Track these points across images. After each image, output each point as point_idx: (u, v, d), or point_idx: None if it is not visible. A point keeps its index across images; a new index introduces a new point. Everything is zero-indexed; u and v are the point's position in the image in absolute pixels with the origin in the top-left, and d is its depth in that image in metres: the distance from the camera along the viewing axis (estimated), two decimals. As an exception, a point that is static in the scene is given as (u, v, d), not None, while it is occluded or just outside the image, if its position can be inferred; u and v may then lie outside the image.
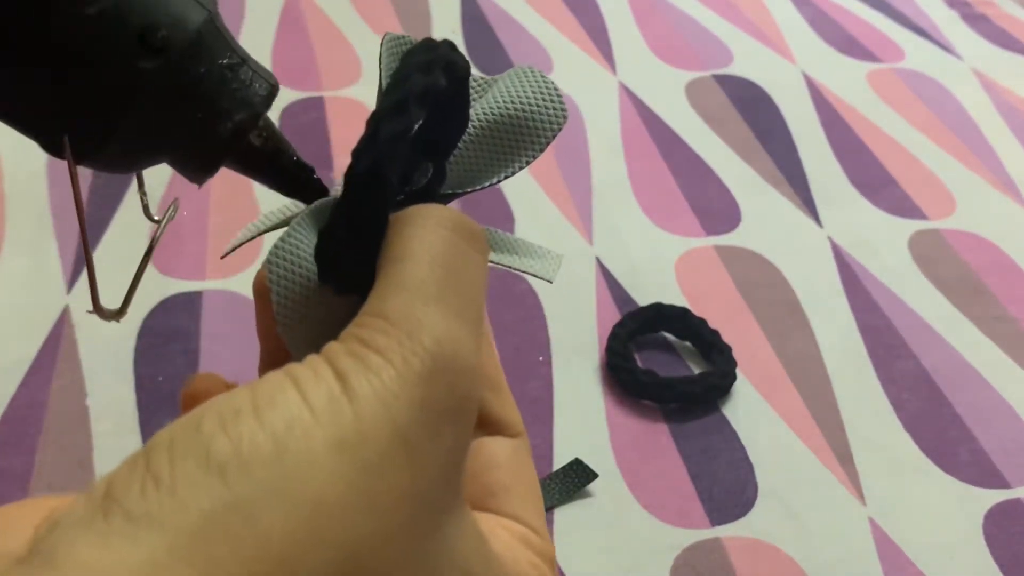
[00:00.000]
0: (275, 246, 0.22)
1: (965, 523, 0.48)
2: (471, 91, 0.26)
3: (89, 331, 0.54)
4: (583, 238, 0.63)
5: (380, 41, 0.25)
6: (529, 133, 0.25)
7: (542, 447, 0.50)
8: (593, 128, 0.73)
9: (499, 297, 0.58)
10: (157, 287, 0.56)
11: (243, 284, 0.57)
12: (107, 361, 0.53)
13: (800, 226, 0.65)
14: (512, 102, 0.25)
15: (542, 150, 0.25)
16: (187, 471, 0.16)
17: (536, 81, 0.25)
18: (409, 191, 0.24)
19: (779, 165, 0.70)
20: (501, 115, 0.25)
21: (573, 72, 0.79)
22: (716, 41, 0.84)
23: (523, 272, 0.25)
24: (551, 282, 0.26)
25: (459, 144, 0.25)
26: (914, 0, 0.91)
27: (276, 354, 0.23)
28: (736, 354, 0.54)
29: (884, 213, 0.67)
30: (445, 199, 0.25)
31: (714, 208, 0.66)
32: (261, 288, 0.24)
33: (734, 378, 0.53)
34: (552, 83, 0.25)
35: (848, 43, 0.85)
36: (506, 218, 0.64)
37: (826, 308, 0.59)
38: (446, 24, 0.84)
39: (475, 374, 0.19)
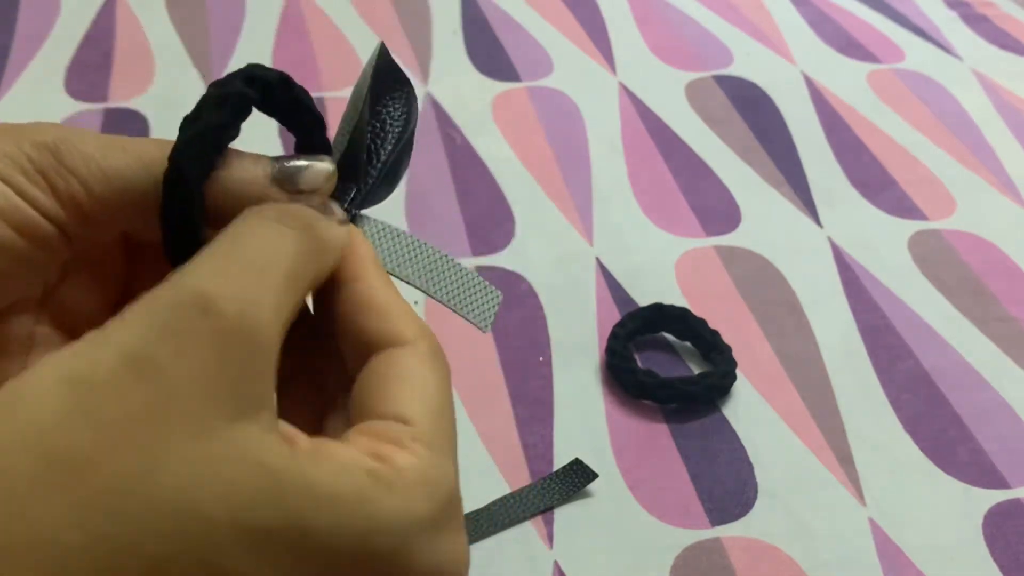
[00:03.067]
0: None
1: (965, 523, 0.48)
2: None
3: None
4: (583, 238, 0.63)
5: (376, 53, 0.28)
6: (358, 95, 0.28)
7: (542, 447, 0.50)
8: (593, 128, 0.73)
9: (499, 297, 0.58)
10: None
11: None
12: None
13: (800, 226, 0.65)
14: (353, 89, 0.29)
15: (366, 92, 0.28)
16: None
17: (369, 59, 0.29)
18: (347, 209, 0.28)
19: (779, 165, 0.70)
20: (349, 101, 0.29)
21: (573, 72, 0.79)
22: (716, 42, 0.84)
23: (457, 314, 0.28)
24: (485, 331, 0.28)
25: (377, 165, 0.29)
26: (914, 1, 0.91)
27: None
28: (736, 354, 0.54)
29: (884, 213, 0.67)
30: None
31: (714, 208, 0.66)
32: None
33: (734, 378, 0.53)
34: (375, 50, 0.29)
35: (848, 44, 0.85)
36: (506, 218, 0.64)
37: (826, 308, 0.59)
38: (446, 24, 0.84)
39: (259, 307, 0.21)
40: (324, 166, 0.26)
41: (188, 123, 0.25)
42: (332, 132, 0.29)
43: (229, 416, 0.20)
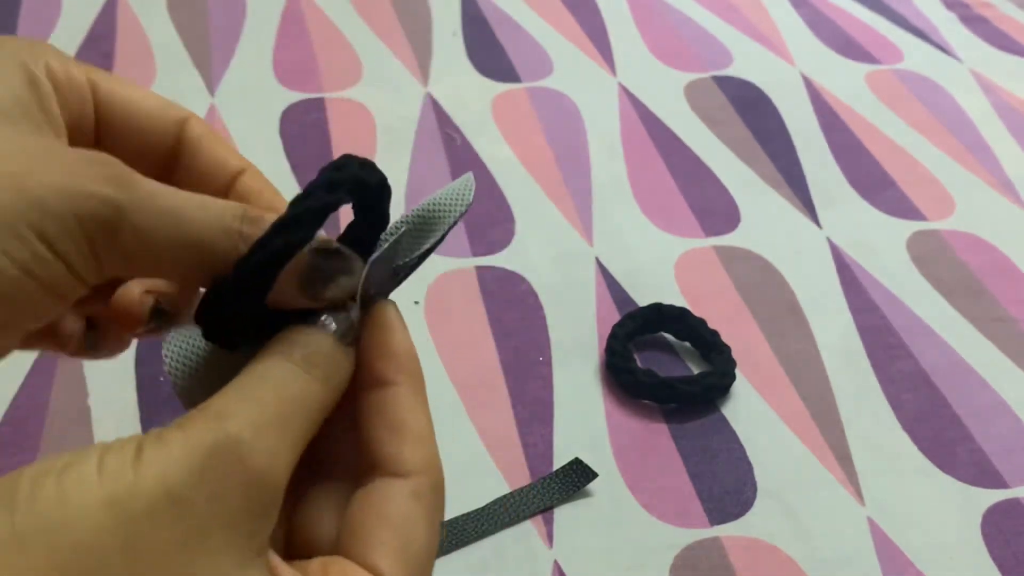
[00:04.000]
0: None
1: (963, 523, 0.48)
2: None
3: (90, 331, 0.54)
4: (583, 238, 0.63)
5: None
6: (439, 219, 0.29)
7: (542, 447, 0.50)
8: (593, 129, 0.73)
9: (499, 297, 0.58)
10: (158, 287, 0.57)
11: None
12: (108, 361, 0.53)
13: (799, 227, 0.65)
14: (431, 200, 0.29)
15: (449, 227, 0.29)
16: None
17: (457, 183, 0.30)
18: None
19: (778, 166, 0.70)
20: (422, 210, 0.29)
21: (573, 73, 0.79)
22: (715, 42, 0.84)
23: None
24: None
25: (385, 238, 0.29)
26: (913, 2, 0.91)
27: None
28: (735, 354, 0.54)
29: (883, 214, 0.67)
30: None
31: (713, 209, 0.66)
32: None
33: (733, 378, 0.53)
34: (468, 178, 0.30)
35: (847, 44, 0.85)
36: (506, 218, 0.64)
37: (825, 308, 0.59)
38: (446, 24, 0.84)
39: (277, 460, 0.22)
40: (351, 282, 0.26)
41: (300, 201, 0.25)
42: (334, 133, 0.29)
43: (241, 561, 0.22)
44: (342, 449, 0.27)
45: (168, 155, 0.28)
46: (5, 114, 0.24)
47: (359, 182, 0.26)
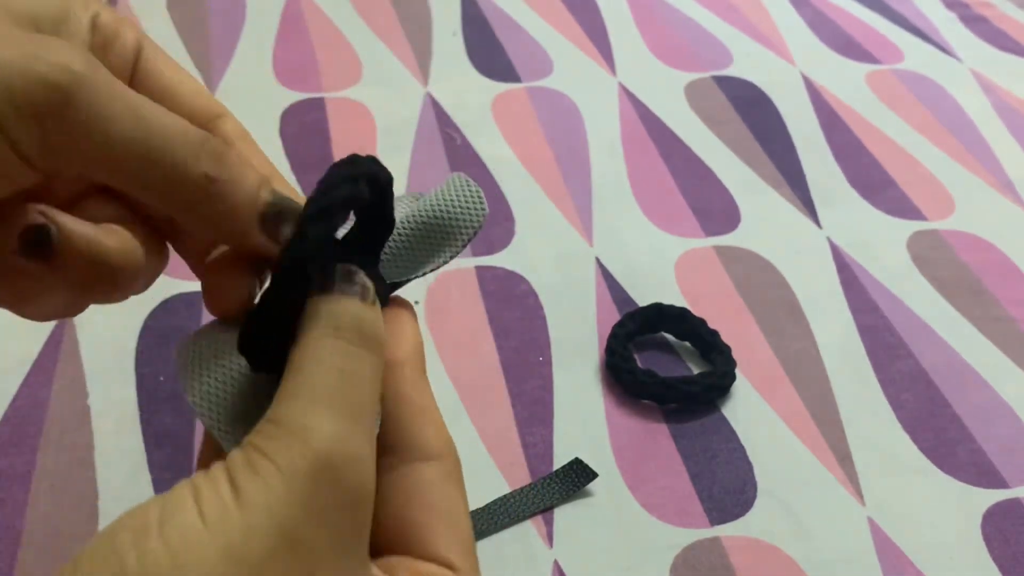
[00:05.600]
0: (184, 345, 0.25)
1: (964, 523, 0.48)
2: (405, 202, 0.30)
3: (90, 331, 0.54)
4: (583, 238, 0.63)
5: None
6: (452, 232, 0.29)
7: (542, 447, 0.50)
8: (593, 129, 0.73)
9: (499, 297, 0.58)
10: (158, 287, 0.56)
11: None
12: (108, 361, 0.53)
13: (799, 227, 0.65)
14: (438, 206, 0.29)
15: (463, 246, 0.29)
16: None
17: (462, 187, 0.29)
18: None
19: (778, 166, 0.70)
20: (428, 218, 0.29)
21: (573, 73, 0.79)
22: (715, 42, 0.84)
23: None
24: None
25: (389, 244, 0.29)
26: (913, 2, 0.91)
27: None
28: (735, 354, 0.54)
29: (883, 214, 0.67)
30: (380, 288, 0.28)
31: (713, 209, 0.66)
32: None
33: (733, 378, 0.53)
34: (477, 189, 0.29)
35: (847, 44, 0.85)
36: (506, 218, 0.64)
37: (825, 308, 0.59)
38: (446, 25, 0.84)
39: (367, 463, 0.22)
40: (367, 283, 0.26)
41: (328, 191, 0.25)
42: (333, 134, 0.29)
43: (356, 569, 0.22)
44: None
45: None
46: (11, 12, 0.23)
47: (374, 177, 0.26)
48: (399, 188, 0.66)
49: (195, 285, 0.57)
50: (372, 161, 0.26)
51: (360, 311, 0.24)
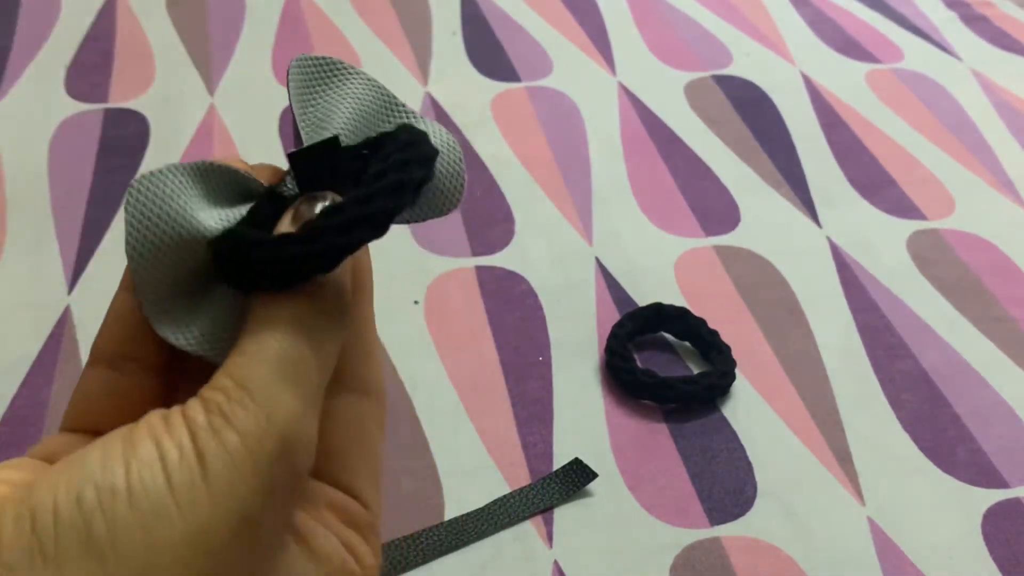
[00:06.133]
0: (143, 180, 0.22)
1: (964, 523, 0.48)
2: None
3: (90, 331, 0.54)
4: (583, 238, 0.63)
5: (289, 66, 0.26)
6: (440, 200, 0.26)
7: (542, 447, 0.50)
8: (593, 129, 0.73)
9: (499, 297, 0.58)
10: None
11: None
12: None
13: (799, 226, 0.65)
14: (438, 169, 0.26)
15: (451, 210, 0.27)
16: (70, 549, 0.19)
17: (450, 151, 0.27)
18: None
19: (778, 166, 0.70)
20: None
21: (573, 72, 0.79)
22: (715, 42, 0.84)
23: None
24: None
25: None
26: (913, 1, 0.91)
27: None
28: (735, 354, 0.54)
29: (883, 213, 0.67)
30: None
31: (713, 208, 0.66)
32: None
33: (733, 378, 0.53)
34: (459, 152, 0.27)
35: (847, 44, 0.85)
36: (506, 218, 0.64)
37: (825, 308, 0.59)
38: (446, 24, 0.84)
39: (314, 444, 0.22)
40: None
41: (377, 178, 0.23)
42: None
43: (283, 541, 0.22)
44: None
45: None
46: None
47: (430, 160, 0.24)
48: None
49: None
50: (432, 158, 0.24)
51: (344, 286, 0.24)
